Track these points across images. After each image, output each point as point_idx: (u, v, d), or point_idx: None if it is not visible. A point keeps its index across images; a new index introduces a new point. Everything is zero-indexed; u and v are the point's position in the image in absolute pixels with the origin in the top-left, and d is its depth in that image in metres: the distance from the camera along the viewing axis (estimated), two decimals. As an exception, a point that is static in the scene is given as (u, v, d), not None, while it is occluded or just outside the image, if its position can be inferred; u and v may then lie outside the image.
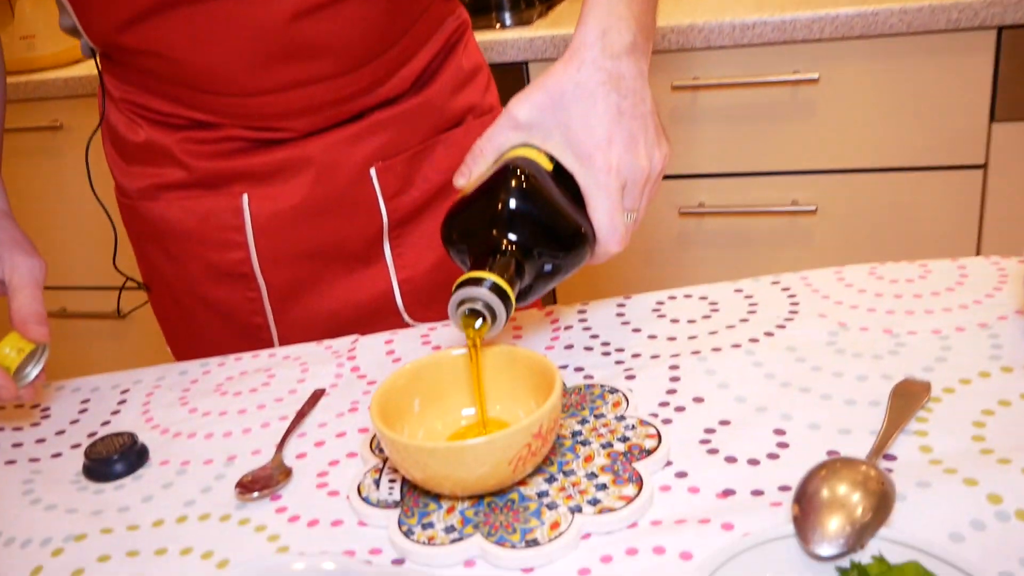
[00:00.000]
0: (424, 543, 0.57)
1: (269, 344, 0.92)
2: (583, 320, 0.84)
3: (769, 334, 0.78)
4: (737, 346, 0.76)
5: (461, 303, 0.62)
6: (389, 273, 0.91)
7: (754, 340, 0.77)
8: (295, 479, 0.66)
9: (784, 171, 1.60)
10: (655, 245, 1.70)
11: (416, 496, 0.61)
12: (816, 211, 1.60)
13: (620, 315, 0.84)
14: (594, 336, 0.81)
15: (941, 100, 1.49)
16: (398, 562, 0.57)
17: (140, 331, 2.02)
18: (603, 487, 0.60)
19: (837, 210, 1.60)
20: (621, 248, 0.66)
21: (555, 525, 0.57)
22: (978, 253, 1.58)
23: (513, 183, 0.65)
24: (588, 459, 0.63)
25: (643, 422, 0.66)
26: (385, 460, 0.65)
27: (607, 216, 0.65)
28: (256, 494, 0.64)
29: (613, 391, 0.71)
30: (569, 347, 0.80)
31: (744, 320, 0.80)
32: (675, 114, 1.60)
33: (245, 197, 0.84)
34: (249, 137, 0.82)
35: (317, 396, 0.77)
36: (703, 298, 0.85)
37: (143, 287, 0.96)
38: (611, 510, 0.58)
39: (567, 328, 0.83)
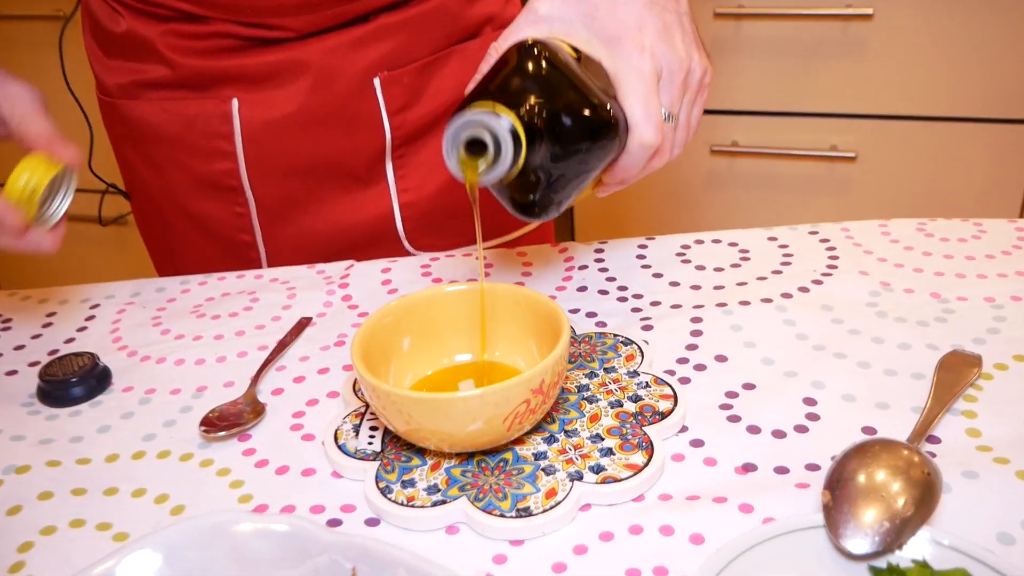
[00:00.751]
0: (402, 503, 0.51)
1: (257, 265, 0.85)
2: (600, 260, 0.76)
3: (804, 289, 0.70)
4: (768, 301, 0.69)
5: (463, 129, 0.51)
6: (390, 195, 0.83)
7: (787, 295, 0.69)
8: (267, 418, 0.60)
9: (825, 113, 1.50)
10: (682, 184, 1.61)
11: (399, 448, 0.55)
12: (856, 158, 1.50)
13: (641, 257, 0.77)
14: (611, 279, 0.74)
15: (1000, 49, 1.38)
16: (372, 522, 0.51)
17: (123, 239, 1.94)
18: (608, 452, 0.53)
19: (878, 158, 1.50)
20: (657, 139, 0.57)
21: (551, 493, 0.50)
22: (1022, 215, 1.49)
23: (531, 53, 0.55)
24: (594, 419, 0.56)
25: (658, 380, 0.59)
26: (367, 405, 0.59)
27: (640, 100, 0.56)
28: (223, 433, 0.57)
29: (627, 342, 0.63)
30: (582, 289, 0.72)
31: (777, 272, 0.73)
32: (715, 44, 1.50)
33: (235, 102, 0.76)
34: (240, 34, 0.74)
35: (302, 325, 0.70)
36: (733, 244, 0.78)
37: (123, 194, 0.88)
38: (615, 480, 0.51)
39: (581, 268, 0.75)
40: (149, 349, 0.68)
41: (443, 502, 0.50)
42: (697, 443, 0.55)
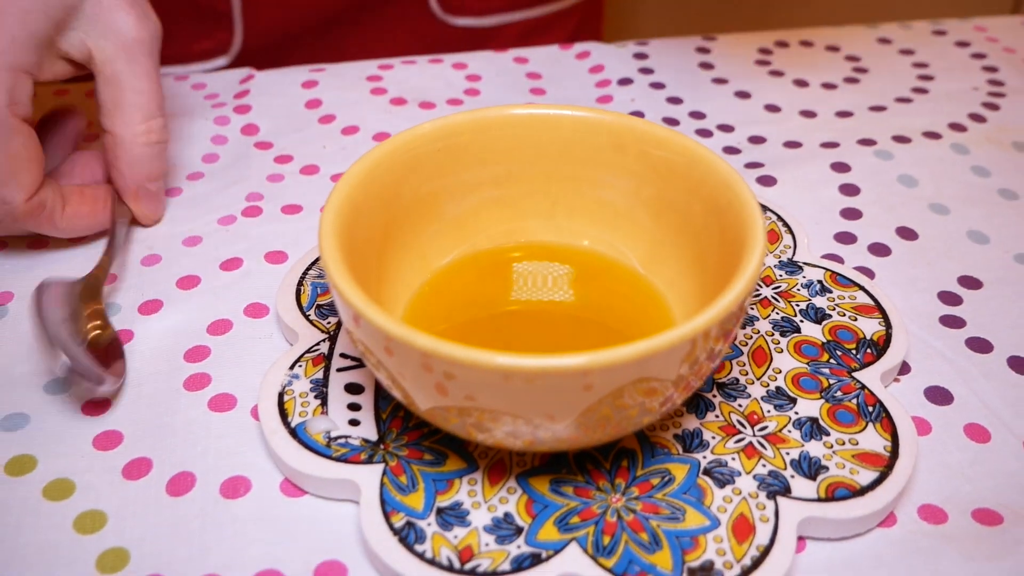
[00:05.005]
0: (449, 568, 0.25)
1: (225, 21, 0.55)
2: (647, 72, 0.49)
3: (977, 118, 0.46)
4: (934, 136, 0.44)
5: None
6: None
7: (957, 127, 0.45)
8: (135, 368, 0.32)
9: None
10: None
11: (415, 433, 0.28)
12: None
13: (707, 67, 0.50)
14: (674, 100, 0.47)
15: None
16: (385, 600, 0.25)
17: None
18: (814, 430, 0.28)
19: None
20: None
21: (743, 528, 0.26)
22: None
23: None
24: (760, 359, 0.31)
25: (836, 277, 0.34)
26: (337, 326, 0.31)
27: None
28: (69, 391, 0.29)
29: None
30: (637, 115, 0.46)
31: (921, 91, 0.48)
32: None
33: None
34: None
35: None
36: (833, 49, 0.52)
37: None
38: (852, 488, 0.27)
39: (623, 83, 0.48)
40: None
41: (536, 559, 0.25)
42: (940, 396, 0.31)
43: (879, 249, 0.37)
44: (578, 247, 0.32)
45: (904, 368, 0.32)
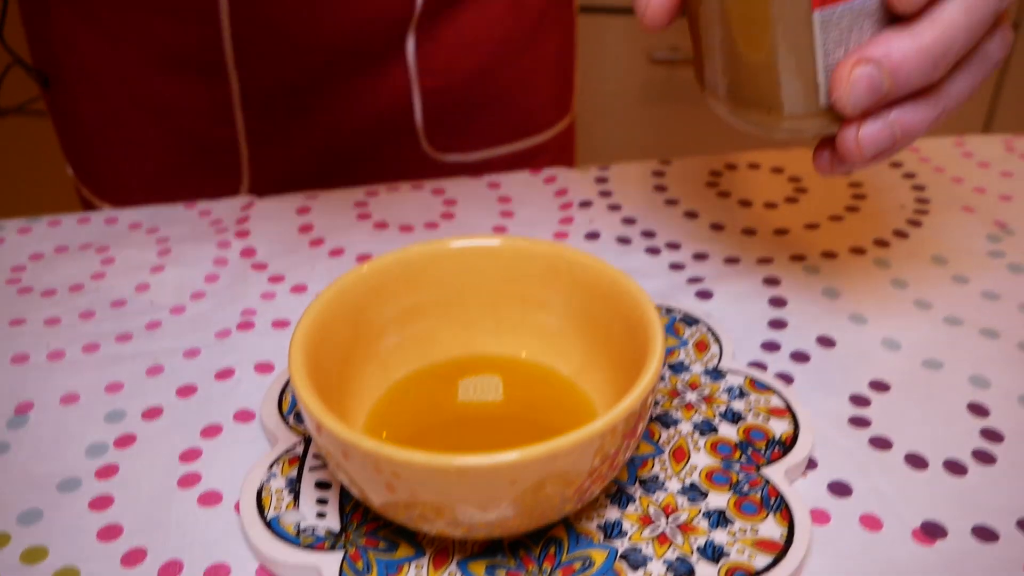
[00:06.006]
0: (395, 640, 0.29)
1: (234, 171, 0.63)
2: (606, 194, 0.55)
3: (901, 235, 0.51)
4: (859, 251, 0.49)
5: None
6: (409, 79, 0.61)
7: (881, 243, 0.50)
8: (137, 458, 0.37)
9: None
10: (614, 97, 1.40)
11: (373, 524, 0.33)
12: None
13: (660, 189, 0.56)
14: (628, 220, 0.52)
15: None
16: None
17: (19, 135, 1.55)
18: (721, 519, 0.33)
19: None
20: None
21: (649, 605, 0.30)
22: (988, 121, 1.35)
23: None
24: (679, 455, 0.35)
25: (755, 383, 0.39)
26: (307, 439, 0.36)
27: None
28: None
29: (689, 320, 0.43)
30: (593, 236, 0.51)
31: (853, 209, 0.53)
32: None
33: None
34: None
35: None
36: (777, 171, 0.57)
37: (38, 77, 0.62)
38: (748, 571, 0.31)
39: (584, 205, 0.54)
40: (-65, 344, 0.43)
41: (468, 634, 0.29)
42: (840, 489, 0.35)
43: (800, 356, 0.42)
44: (518, 358, 0.37)
45: (811, 464, 0.36)
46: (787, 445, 0.36)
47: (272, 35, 0.57)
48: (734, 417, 0.37)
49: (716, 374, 0.39)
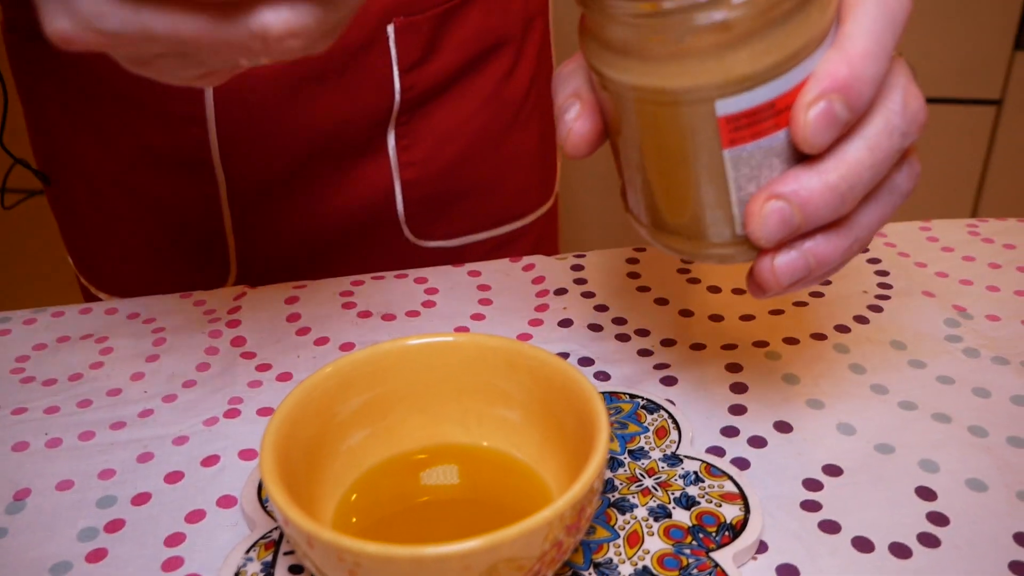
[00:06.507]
0: None
1: (223, 262, 0.66)
2: (581, 282, 0.58)
3: (861, 320, 0.53)
4: (820, 337, 0.51)
5: None
6: (390, 171, 0.65)
7: (842, 329, 0.52)
8: (125, 537, 0.39)
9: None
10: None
11: (338, 606, 0.35)
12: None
13: (634, 276, 0.58)
14: (601, 308, 0.55)
15: (961, 23, 1.26)
16: None
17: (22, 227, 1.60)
18: (669, 602, 0.34)
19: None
20: (859, 83, 0.33)
21: None
22: (978, 199, 1.38)
23: None
24: (633, 540, 0.37)
25: (711, 469, 0.41)
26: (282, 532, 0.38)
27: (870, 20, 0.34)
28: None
29: (651, 407, 0.45)
30: (566, 324, 0.53)
31: (817, 295, 0.55)
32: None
33: None
34: None
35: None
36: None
37: (38, 174, 0.66)
38: (691, 654, 0.32)
39: (559, 292, 0.56)
40: (-60, 433, 0.46)
41: None
42: (789, 571, 0.37)
43: (757, 441, 0.44)
44: (481, 447, 0.39)
45: (763, 547, 0.38)
46: (737, 530, 0.38)
47: (256, 135, 0.60)
48: (688, 502, 0.39)
49: (674, 460, 0.42)
